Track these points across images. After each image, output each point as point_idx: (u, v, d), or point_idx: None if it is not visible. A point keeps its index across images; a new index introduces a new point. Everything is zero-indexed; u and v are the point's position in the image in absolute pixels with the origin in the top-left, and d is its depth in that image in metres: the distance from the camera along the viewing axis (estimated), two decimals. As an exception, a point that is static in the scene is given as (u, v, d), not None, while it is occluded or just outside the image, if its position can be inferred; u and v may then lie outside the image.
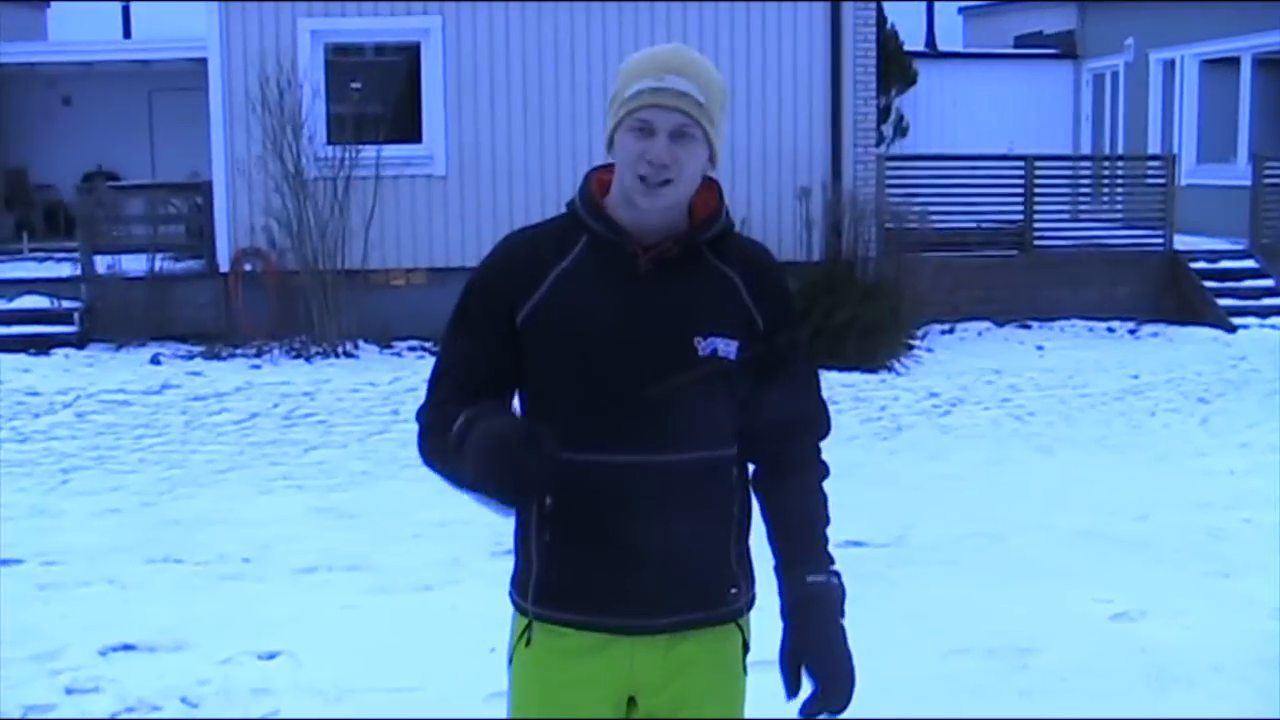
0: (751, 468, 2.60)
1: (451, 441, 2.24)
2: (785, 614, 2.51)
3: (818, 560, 2.52)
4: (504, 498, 2.20)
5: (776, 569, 2.55)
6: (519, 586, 2.55)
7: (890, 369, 13.15)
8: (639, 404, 2.40)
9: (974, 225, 16.28)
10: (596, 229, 2.48)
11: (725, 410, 2.49)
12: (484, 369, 2.46)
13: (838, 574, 2.53)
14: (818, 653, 2.46)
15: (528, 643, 2.53)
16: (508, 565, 2.61)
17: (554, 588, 2.48)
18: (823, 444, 2.63)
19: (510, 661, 2.59)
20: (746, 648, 2.60)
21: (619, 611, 2.46)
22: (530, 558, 2.51)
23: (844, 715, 2.47)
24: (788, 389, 2.55)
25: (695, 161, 2.43)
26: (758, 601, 2.63)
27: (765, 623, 2.62)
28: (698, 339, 2.44)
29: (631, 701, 2.53)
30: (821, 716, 2.45)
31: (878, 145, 16.67)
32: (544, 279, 2.46)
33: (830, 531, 2.57)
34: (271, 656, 5.51)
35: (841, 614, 2.51)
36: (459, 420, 2.25)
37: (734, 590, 2.55)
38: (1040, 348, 14.85)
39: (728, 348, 2.45)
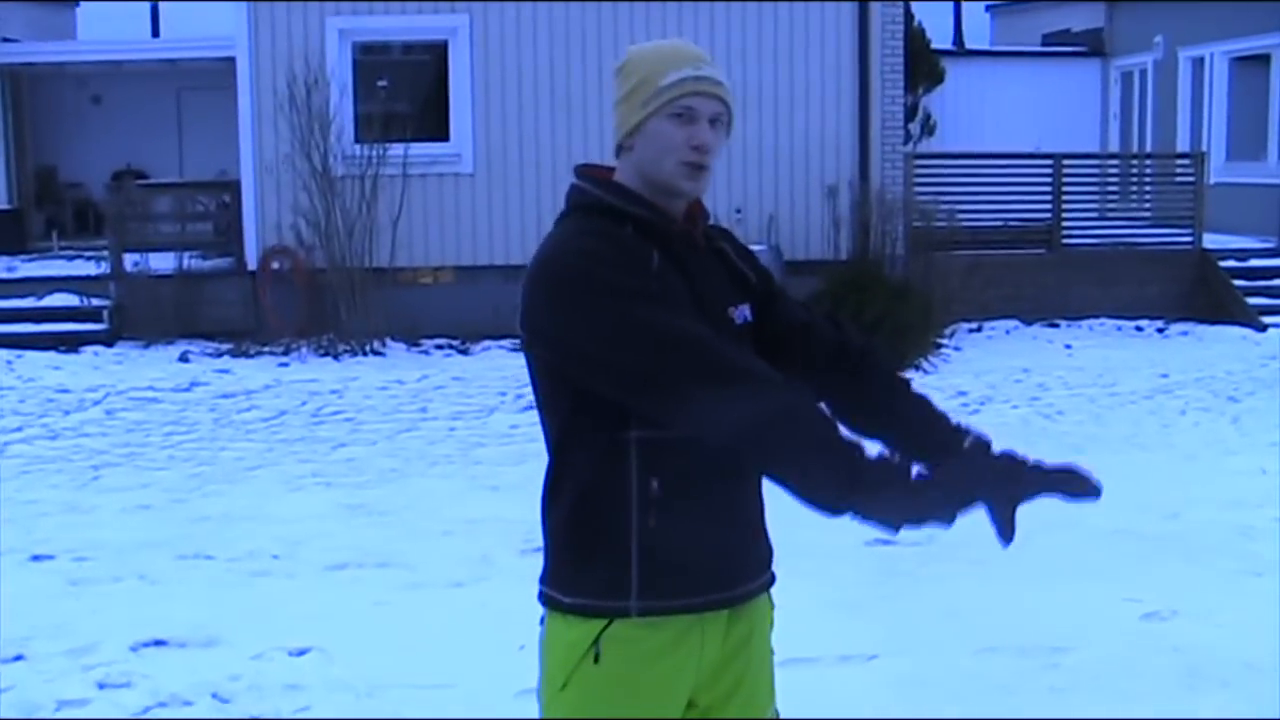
0: (827, 399, 2.55)
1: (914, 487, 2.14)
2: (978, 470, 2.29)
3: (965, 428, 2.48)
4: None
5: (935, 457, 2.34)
6: (613, 588, 2.38)
7: (919, 368, 13.11)
8: None
9: (1002, 223, 16.23)
10: (641, 214, 2.42)
11: None
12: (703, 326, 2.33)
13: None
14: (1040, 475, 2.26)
15: (596, 658, 2.38)
16: (537, 562, 2.54)
17: (664, 572, 2.38)
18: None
19: (564, 686, 2.42)
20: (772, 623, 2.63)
21: (724, 583, 2.45)
22: (628, 552, 2.37)
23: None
24: (798, 306, 2.67)
25: (720, 149, 2.49)
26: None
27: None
28: (730, 309, 2.50)
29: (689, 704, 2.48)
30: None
31: (905, 143, 16.62)
32: (651, 259, 2.37)
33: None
34: (302, 653, 5.54)
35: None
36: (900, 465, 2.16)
37: (772, 554, 2.60)
38: (1069, 346, 14.79)
39: (746, 313, 2.53)
